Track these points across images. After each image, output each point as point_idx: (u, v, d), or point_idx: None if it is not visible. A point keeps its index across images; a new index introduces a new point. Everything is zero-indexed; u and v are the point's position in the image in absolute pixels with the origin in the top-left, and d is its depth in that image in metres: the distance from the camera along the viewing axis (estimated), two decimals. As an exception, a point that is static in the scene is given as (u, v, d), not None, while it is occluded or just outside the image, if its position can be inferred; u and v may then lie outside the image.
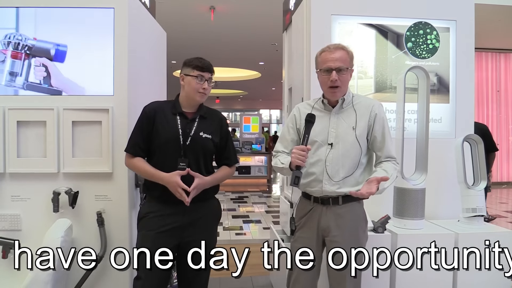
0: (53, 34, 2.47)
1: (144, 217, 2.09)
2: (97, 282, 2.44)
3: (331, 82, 1.95)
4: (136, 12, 2.69)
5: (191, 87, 2.07)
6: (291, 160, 1.90)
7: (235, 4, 6.85)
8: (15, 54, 2.45)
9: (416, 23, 2.87)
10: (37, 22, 2.47)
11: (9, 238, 2.38)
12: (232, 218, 6.44)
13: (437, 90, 2.90)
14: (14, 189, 2.44)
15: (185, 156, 2.04)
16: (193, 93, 2.07)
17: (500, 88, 9.88)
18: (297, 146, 1.90)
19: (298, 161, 1.85)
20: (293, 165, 1.88)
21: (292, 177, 1.87)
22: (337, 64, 1.95)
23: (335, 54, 1.96)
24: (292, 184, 1.87)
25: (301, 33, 2.94)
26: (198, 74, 2.05)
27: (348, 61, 1.99)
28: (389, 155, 2.02)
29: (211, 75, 2.10)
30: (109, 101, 2.46)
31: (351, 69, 2.02)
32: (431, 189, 2.71)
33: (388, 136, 2.03)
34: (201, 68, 2.05)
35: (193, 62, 2.07)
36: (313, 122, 1.94)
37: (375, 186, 1.82)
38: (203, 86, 2.06)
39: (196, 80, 2.05)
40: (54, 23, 2.47)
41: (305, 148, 1.87)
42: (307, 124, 1.94)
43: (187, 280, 2.13)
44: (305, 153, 1.86)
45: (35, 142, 2.45)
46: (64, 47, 2.46)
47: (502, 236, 2.52)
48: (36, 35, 2.47)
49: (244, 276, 3.65)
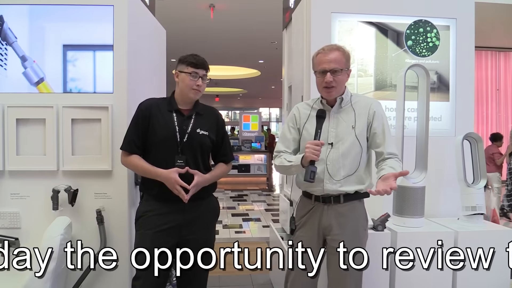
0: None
1: (142, 216, 2.09)
2: (96, 281, 2.43)
3: (326, 83, 1.96)
4: (136, 9, 2.69)
5: (185, 84, 2.06)
6: (305, 155, 1.88)
7: (235, 2, 6.84)
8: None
9: (416, 21, 2.87)
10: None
11: (9, 236, 2.38)
12: (231, 216, 6.44)
13: (437, 88, 2.90)
14: (13, 187, 2.44)
15: (182, 153, 2.04)
16: (187, 90, 2.06)
17: (500, 87, 9.87)
18: (311, 141, 1.89)
19: (313, 156, 1.85)
20: (307, 160, 1.87)
21: (307, 172, 1.86)
22: (331, 66, 1.95)
23: (329, 56, 1.97)
24: (307, 179, 1.86)
25: (301, 31, 2.93)
26: (192, 71, 2.04)
27: (344, 62, 1.99)
28: (391, 151, 2.00)
29: (206, 72, 2.09)
30: (109, 99, 2.46)
31: (347, 70, 2.02)
32: (431, 187, 2.71)
33: (388, 133, 2.03)
34: (195, 65, 2.04)
35: (188, 59, 2.06)
36: (324, 117, 1.96)
37: (394, 182, 1.78)
38: (197, 83, 2.05)
39: (190, 77, 2.04)
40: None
41: (319, 142, 1.88)
42: (318, 119, 1.95)
43: (187, 278, 2.12)
44: (319, 148, 1.87)
45: (35, 140, 2.44)
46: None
47: (501, 234, 2.52)
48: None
49: (243, 274, 3.67)
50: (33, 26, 2.46)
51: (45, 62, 2.47)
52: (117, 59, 2.46)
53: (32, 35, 2.47)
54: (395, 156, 1.99)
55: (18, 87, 2.46)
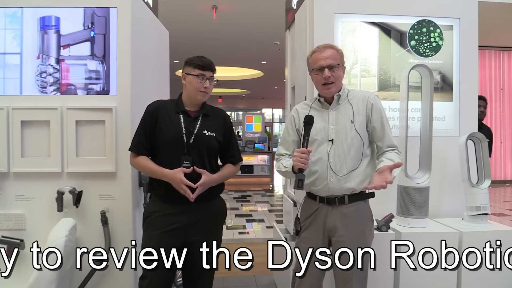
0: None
1: (149, 216, 2.10)
2: (101, 281, 2.44)
3: (325, 79, 1.98)
4: (139, 11, 2.70)
5: (193, 86, 2.07)
6: (293, 164, 1.90)
7: (238, 3, 6.85)
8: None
9: (420, 21, 2.86)
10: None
11: (14, 237, 2.39)
12: (235, 217, 6.44)
13: (441, 88, 2.89)
14: (18, 189, 2.45)
15: (188, 154, 2.04)
16: (195, 92, 2.07)
17: (504, 86, 9.84)
18: (298, 149, 1.92)
19: (300, 164, 1.87)
20: (296, 168, 1.89)
21: (295, 180, 1.87)
22: (328, 62, 1.99)
23: (325, 53, 2.01)
24: (296, 188, 1.88)
25: (304, 32, 2.93)
26: (199, 73, 2.05)
27: (339, 58, 2.03)
28: (390, 143, 2.02)
29: (213, 73, 2.10)
30: (113, 101, 2.47)
31: (342, 66, 2.05)
32: (435, 187, 2.70)
33: (387, 125, 2.04)
34: (202, 67, 2.05)
35: (194, 61, 2.06)
36: (311, 123, 1.96)
37: (389, 174, 1.80)
38: (205, 85, 2.06)
39: (197, 79, 2.05)
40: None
41: (306, 150, 1.89)
42: (305, 126, 1.95)
43: (193, 279, 2.12)
44: (306, 156, 1.88)
45: (39, 142, 2.46)
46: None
47: (506, 234, 2.51)
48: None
49: (247, 275, 3.67)
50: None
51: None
52: (121, 60, 2.47)
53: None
54: (394, 149, 2.01)
55: (22, 90, 2.47)
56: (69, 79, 2.48)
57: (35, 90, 2.47)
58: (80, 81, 2.48)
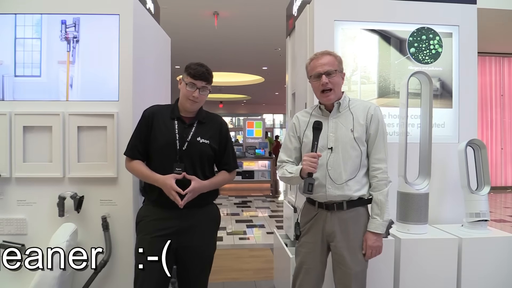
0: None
1: (141, 220, 2.12)
2: (102, 286, 2.45)
3: (322, 85, 1.99)
4: (141, 18, 2.72)
5: (183, 92, 2.07)
6: (302, 168, 1.91)
7: (239, 10, 6.89)
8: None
9: (419, 29, 2.88)
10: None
11: (15, 242, 2.39)
12: (235, 223, 6.44)
13: (440, 95, 2.91)
14: (20, 194, 2.46)
15: (181, 161, 2.04)
16: (184, 99, 2.08)
17: (504, 92, 9.86)
18: (308, 154, 1.92)
19: (310, 168, 1.87)
20: (305, 172, 1.89)
21: (305, 184, 1.88)
22: (325, 68, 1.99)
23: (322, 60, 2.02)
24: (305, 192, 1.89)
25: (304, 39, 2.95)
26: (190, 82, 2.04)
27: (337, 64, 2.03)
28: (380, 156, 2.02)
29: (206, 83, 2.06)
30: (114, 107, 2.49)
31: (341, 72, 2.05)
32: (434, 193, 2.71)
33: (381, 136, 2.04)
34: (193, 76, 2.03)
35: (188, 69, 2.05)
36: (320, 129, 1.96)
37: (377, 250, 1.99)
38: (193, 94, 2.04)
39: (187, 87, 2.04)
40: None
41: (315, 155, 1.89)
42: (315, 131, 1.95)
43: (188, 284, 2.14)
44: (316, 160, 1.88)
45: (41, 147, 2.47)
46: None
47: (506, 241, 2.52)
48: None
49: (247, 280, 3.67)
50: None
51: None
52: (123, 67, 2.49)
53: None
54: (378, 169, 2.02)
55: (25, 95, 2.49)
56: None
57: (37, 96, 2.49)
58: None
